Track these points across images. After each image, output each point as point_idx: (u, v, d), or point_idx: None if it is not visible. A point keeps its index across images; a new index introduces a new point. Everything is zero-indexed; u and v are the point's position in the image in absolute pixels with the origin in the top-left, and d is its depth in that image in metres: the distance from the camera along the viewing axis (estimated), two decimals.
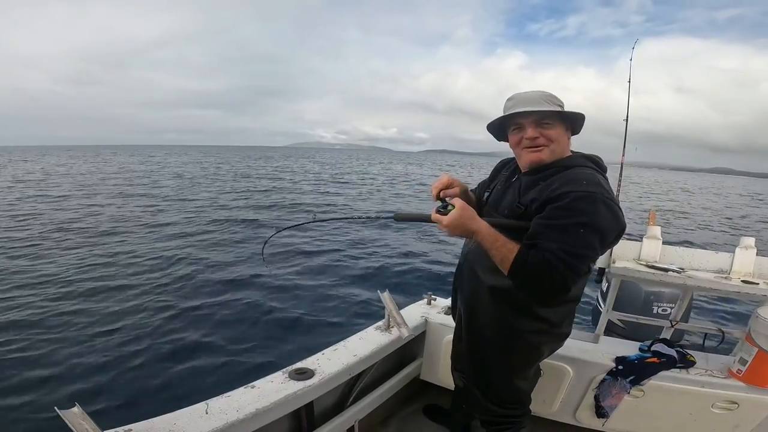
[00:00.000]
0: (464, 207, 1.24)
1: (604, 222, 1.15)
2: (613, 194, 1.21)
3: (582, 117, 1.31)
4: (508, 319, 1.38)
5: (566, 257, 1.12)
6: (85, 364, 3.60)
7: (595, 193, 1.15)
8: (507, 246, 1.20)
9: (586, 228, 1.13)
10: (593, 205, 1.14)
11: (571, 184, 1.18)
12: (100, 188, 17.09)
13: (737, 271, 1.89)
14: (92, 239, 8.20)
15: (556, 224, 1.16)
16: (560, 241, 1.13)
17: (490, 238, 1.22)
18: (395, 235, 9.05)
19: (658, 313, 2.60)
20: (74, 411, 1.03)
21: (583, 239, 1.14)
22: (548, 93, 1.30)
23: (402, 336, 1.95)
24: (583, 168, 1.25)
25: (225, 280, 5.89)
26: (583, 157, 1.32)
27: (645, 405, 1.83)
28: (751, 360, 1.67)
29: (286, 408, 1.48)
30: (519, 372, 1.50)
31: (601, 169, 1.30)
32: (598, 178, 1.21)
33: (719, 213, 19.71)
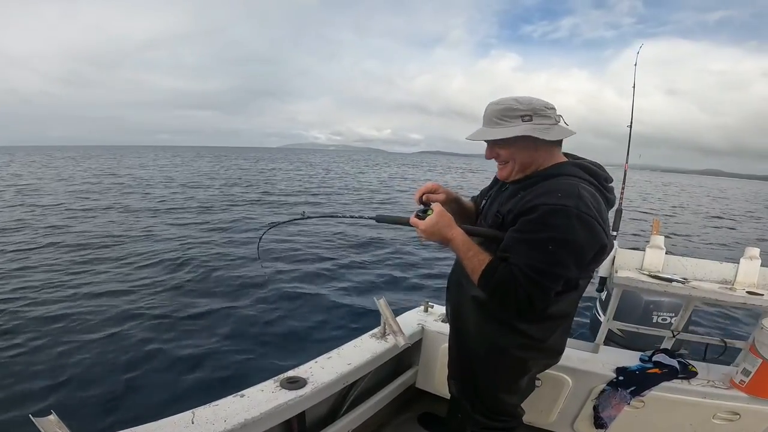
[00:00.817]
0: (442, 213, 1.22)
1: (577, 238, 1.07)
2: (596, 208, 1.11)
3: (528, 135, 1.18)
4: (491, 332, 1.34)
5: (532, 274, 1.08)
6: (64, 371, 3.49)
7: (568, 207, 1.07)
8: (478, 257, 1.17)
9: (556, 244, 1.07)
10: (565, 220, 1.06)
11: (544, 196, 1.12)
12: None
13: (741, 282, 1.86)
14: (72, 244, 8.10)
15: (525, 238, 1.11)
16: (527, 257, 1.09)
17: (464, 247, 1.20)
18: (391, 241, 9.00)
19: (658, 322, 2.57)
20: (50, 419, 0.99)
21: (552, 256, 1.08)
22: (505, 106, 1.19)
23: (398, 344, 1.90)
24: (566, 178, 1.17)
25: (213, 287, 5.81)
26: (574, 165, 1.23)
27: (645, 416, 1.80)
28: (754, 371, 1.65)
29: (276, 418, 1.42)
30: (504, 385, 1.44)
31: (596, 179, 1.21)
32: (578, 190, 1.11)
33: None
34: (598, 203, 1.13)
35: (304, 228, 9.31)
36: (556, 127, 1.20)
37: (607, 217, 1.18)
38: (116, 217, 10.77)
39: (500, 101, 1.21)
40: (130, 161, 41.92)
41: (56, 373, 3.45)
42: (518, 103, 1.19)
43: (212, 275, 6.20)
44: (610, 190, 1.25)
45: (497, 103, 1.22)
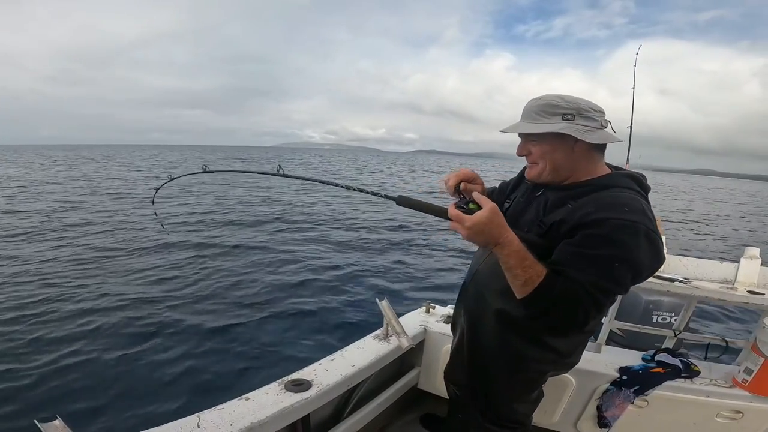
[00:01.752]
0: (496, 211, 1.04)
1: (643, 258, 1.01)
2: (655, 223, 1.05)
3: (571, 134, 1.10)
4: (515, 346, 1.28)
5: (595, 292, 1.00)
6: (69, 376, 3.47)
7: (638, 223, 1.00)
8: (535, 268, 1.03)
9: (622, 263, 1.00)
10: (634, 238, 1.00)
11: (609, 209, 1.03)
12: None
13: (742, 282, 1.88)
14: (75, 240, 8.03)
15: (589, 254, 1.01)
16: (591, 274, 1.00)
17: (519, 255, 1.04)
18: (395, 240, 9.00)
19: (658, 321, 2.60)
20: (55, 424, 0.98)
21: (616, 274, 1.01)
22: (547, 102, 1.13)
23: (402, 346, 1.90)
24: (622, 189, 1.10)
25: (216, 286, 5.79)
26: (625, 176, 1.16)
27: (648, 415, 1.81)
28: (757, 370, 1.67)
29: (282, 421, 1.41)
30: (521, 396, 1.42)
31: (644, 191, 1.15)
32: (641, 204, 1.06)
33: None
34: (654, 218, 1.07)
35: (309, 232, 9.31)
36: (600, 132, 1.12)
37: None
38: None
39: (543, 97, 1.15)
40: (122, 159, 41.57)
41: (61, 379, 3.42)
42: (562, 100, 1.12)
43: (206, 279, 6.17)
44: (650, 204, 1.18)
45: (540, 98, 1.15)
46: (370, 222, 10.78)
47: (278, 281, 6.10)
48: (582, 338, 1.30)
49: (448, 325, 2.14)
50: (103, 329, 4.36)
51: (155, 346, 4.08)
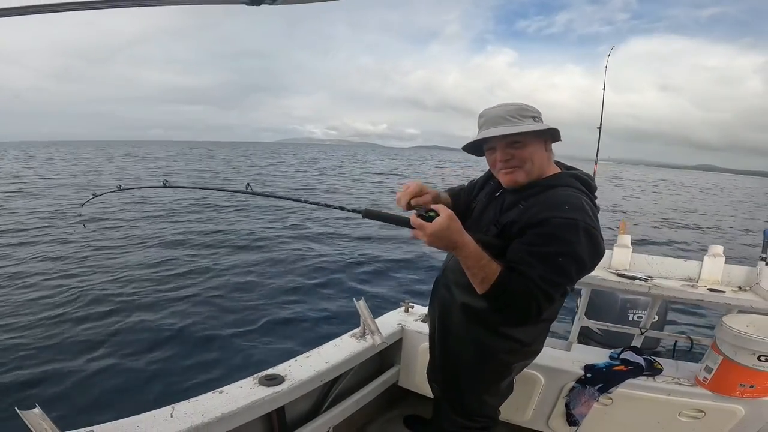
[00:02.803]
0: (452, 217, 1.11)
1: (583, 251, 1.10)
2: (596, 219, 1.15)
3: (556, 130, 1.22)
4: (480, 338, 1.37)
5: (545, 286, 1.09)
6: (47, 366, 3.61)
7: (577, 221, 1.09)
8: (491, 266, 1.12)
9: (566, 257, 1.10)
10: (574, 234, 1.09)
11: (552, 208, 1.12)
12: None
13: (705, 279, 1.90)
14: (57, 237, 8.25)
15: (537, 251, 1.11)
16: (540, 269, 1.09)
17: (475, 256, 1.12)
18: (374, 240, 9.05)
19: (634, 320, 2.61)
20: (34, 412, 1.05)
21: (561, 268, 1.10)
22: (517, 106, 1.21)
23: (375, 343, 1.96)
24: (566, 189, 1.18)
25: (193, 284, 5.89)
26: (571, 176, 1.24)
27: (614, 413, 1.84)
28: (716, 368, 1.68)
29: (254, 413, 1.49)
30: (489, 388, 1.49)
31: (589, 190, 1.23)
32: (582, 202, 1.14)
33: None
34: (595, 214, 1.16)
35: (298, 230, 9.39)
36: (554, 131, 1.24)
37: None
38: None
39: (512, 103, 1.22)
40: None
41: (40, 368, 3.57)
42: (525, 105, 1.21)
43: (185, 275, 6.29)
44: (595, 199, 1.26)
45: (509, 104, 1.22)
46: (353, 222, 10.86)
47: (260, 282, 6.17)
48: (541, 327, 1.38)
49: (425, 324, 2.21)
50: (84, 326, 4.50)
51: (129, 339, 4.21)
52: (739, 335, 1.57)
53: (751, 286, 1.87)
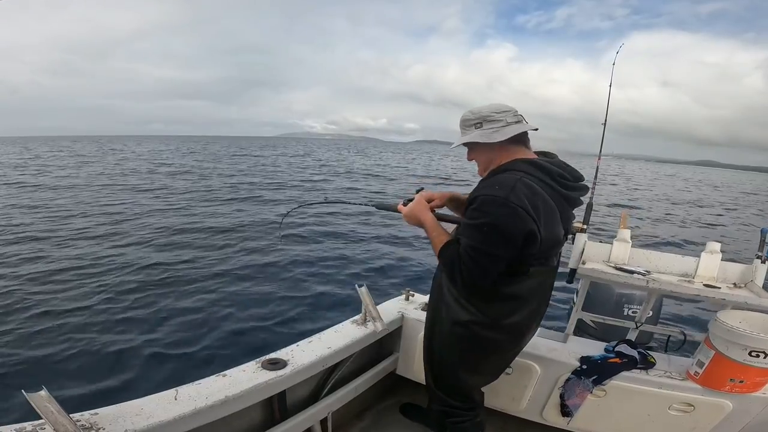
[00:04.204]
0: (419, 200, 1.53)
1: (503, 222, 1.24)
2: (530, 199, 1.25)
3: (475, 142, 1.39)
4: (449, 309, 1.51)
5: (471, 252, 1.29)
6: (54, 350, 3.64)
7: (498, 197, 1.24)
8: (440, 237, 1.42)
9: (488, 227, 1.26)
10: (494, 207, 1.24)
11: (485, 188, 1.31)
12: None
13: (701, 275, 1.93)
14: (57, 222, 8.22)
15: (467, 223, 1.32)
16: (468, 238, 1.31)
17: (431, 229, 1.46)
18: (379, 231, 9.10)
19: (629, 314, 2.65)
20: (41, 394, 1.06)
21: (485, 237, 1.27)
22: (463, 118, 1.41)
23: (376, 330, 1.99)
24: (509, 173, 1.31)
25: (201, 272, 5.91)
26: (525, 161, 1.35)
27: (607, 405, 1.87)
28: (708, 363, 1.70)
29: (256, 396, 1.52)
30: (463, 364, 1.56)
31: (548, 175, 1.33)
32: (514, 183, 1.26)
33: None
34: (533, 194, 1.26)
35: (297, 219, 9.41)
36: (505, 129, 1.34)
37: (549, 208, 1.30)
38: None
39: (462, 115, 1.42)
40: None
41: (45, 352, 3.59)
42: (471, 113, 1.39)
43: (194, 264, 6.31)
44: (569, 188, 1.37)
45: (462, 116, 1.43)
46: (357, 211, 10.90)
47: (264, 269, 6.21)
48: (504, 305, 1.43)
49: (425, 312, 2.23)
50: (91, 310, 4.52)
51: (136, 323, 4.24)
52: (732, 330, 1.60)
53: (746, 283, 1.90)
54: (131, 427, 1.18)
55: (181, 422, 1.28)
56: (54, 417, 1.05)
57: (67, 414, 1.08)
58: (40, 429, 1.10)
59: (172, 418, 1.26)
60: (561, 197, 1.35)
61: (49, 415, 1.04)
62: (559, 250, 1.48)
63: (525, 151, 1.41)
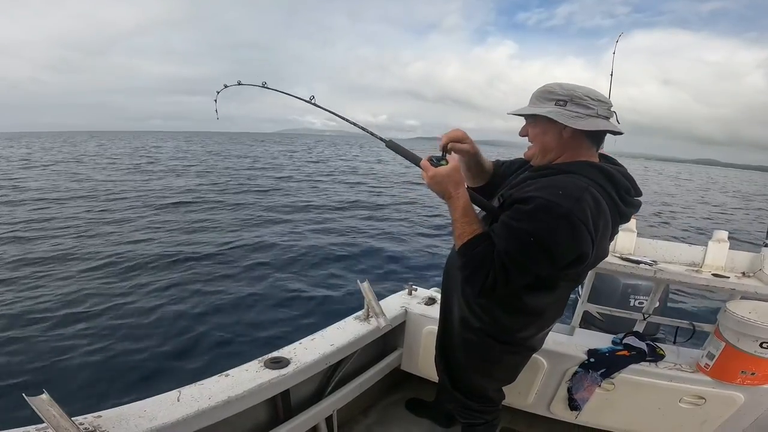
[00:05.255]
0: (456, 168, 1.20)
1: (557, 240, 1.05)
2: (594, 216, 1.06)
3: (555, 118, 1.13)
4: (459, 308, 1.42)
5: (506, 260, 1.09)
6: (55, 353, 3.63)
7: (561, 206, 1.03)
8: (471, 225, 1.17)
9: (537, 240, 1.05)
10: (553, 219, 1.04)
11: (544, 189, 1.09)
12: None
13: (709, 265, 1.90)
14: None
15: (511, 225, 1.10)
16: (507, 243, 1.09)
17: (462, 210, 1.18)
18: (380, 225, 9.09)
19: (635, 305, 2.62)
20: (42, 398, 1.04)
21: (528, 250, 1.07)
22: (545, 89, 1.17)
23: (379, 326, 1.97)
24: (578, 176, 1.12)
25: (200, 269, 5.93)
26: (594, 167, 1.16)
27: (615, 398, 1.85)
28: (718, 354, 1.68)
29: (260, 396, 1.50)
30: (478, 368, 1.49)
31: (614, 187, 1.15)
32: (582, 193, 1.06)
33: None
34: (599, 211, 1.08)
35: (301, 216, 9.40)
36: (591, 119, 1.13)
37: (607, 227, 1.13)
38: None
39: (546, 84, 1.19)
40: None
41: (47, 355, 3.58)
42: (560, 87, 1.15)
43: (194, 260, 6.31)
44: (629, 204, 1.19)
45: (544, 85, 1.19)
46: (361, 205, 10.87)
47: (265, 265, 6.21)
48: (523, 318, 1.32)
49: (429, 306, 2.20)
50: (91, 308, 4.53)
51: (137, 324, 4.23)
52: (743, 321, 1.57)
53: (755, 272, 1.87)
54: (134, 430, 1.17)
55: (184, 424, 1.27)
56: (56, 420, 1.03)
57: (69, 417, 1.07)
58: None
59: (176, 419, 1.25)
60: (618, 213, 1.17)
61: (51, 419, 1.03)
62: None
63: (594, 153, 1.21)
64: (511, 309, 1.28)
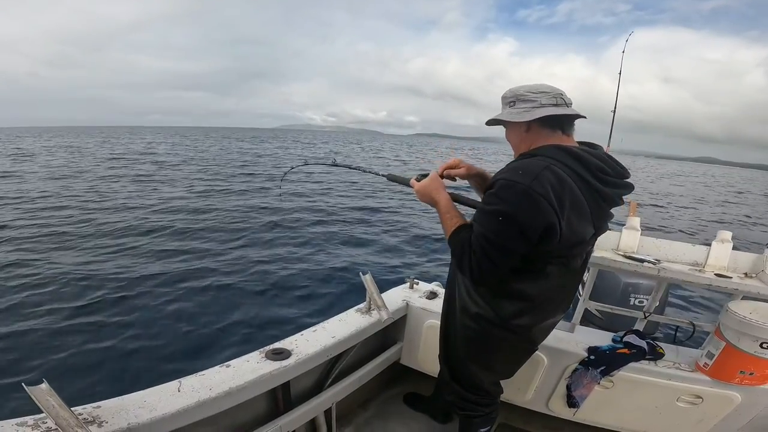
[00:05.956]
0: (434, 178, 1.41)
1: (521, 213, 1.11)
2: (556, 189, 1.11)
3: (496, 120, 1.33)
4: (460, 299, 1.46)
5: (482, 242, 1.17)
6: (56, 342, 3.62)
7: (519, 183, 1.11)
8: (453, 219, 1.30)
9: (504, 216, 1.13)
10: (513, 195, 1.11)
11: (507, 172, 1.18)
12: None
13: (712, 265, 1.90)
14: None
15: (482, 209, 1.21)
16: (481, 225, 1.19)
17: (444, 210, 1.34)
18: (386, 219, 9.08)
19: (635, 304, 2.63)
20: (42, 387, 1.03)
21: (499, 227, 1.14)
22: (503, 94, 1.31)
23: (381, 319, 1.96)
24: (538, 158, 1.18)
25: (204, 260, 5.91)
26: (558, 148, 1.20)
27: (614, 396, 1.85)
28: (718, 354, 1.68)
29: (261, 387, 1.49)
30: (476, 357, 1.50)
31: (583, 165, 1.18)
32: (539, 170, 1.12)
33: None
34: (562, 187, 1.12)
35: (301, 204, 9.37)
36: (535, 110, 1.21)
37: (578, 204, 1.16)
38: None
39: (507, 90, 1.30)
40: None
41: (47, 345, 3.57)
42: (509, 91, 1.28)
43: (196, 251, 6.31)
44: (608, 183, 1.21)
45: (506, 91, 1.31)
46: (363, 200, 10.86)
47: (268, 257, 6.21)
48: (513, 304, 1.32)
49: (430, 300, 2.20)
50: (92, 298, 4.52)
51: (138, 314, 4.22)
52: (744, 321, 1.57)
53: (757, 273, 1.87)
54: (134, 420, 1.16)
55: (184, 414, 1.26)
56: (55, 411, 1.02)
57: (69, 407, 1.06)
58: (42, 423, 1.07)
59: (176, 410, 1.24)
60: (595, 192, 1.19)
61: (50, 409, 1.02)
62: (585, 250, 1.34)
63: (561, 137, 1.25)
64: (503, 294, 1.33)
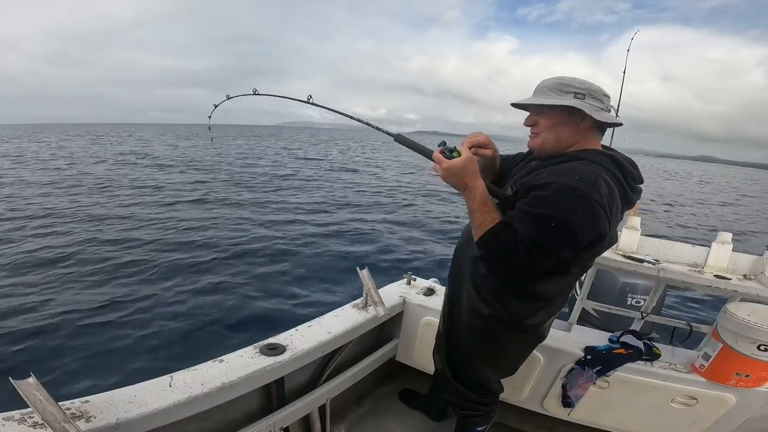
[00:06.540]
0: (471, 160, 1.20)
1: (577, 223, 1.08)
2: (609, 199, 1.10)
3: (576, 108, 1.17)
4: (468, 296, 1.42)
5: (530, 246, 1.10)
6: (44, 336, 3.58)
7: (578, 190, 1.07)
8: (491, 214, 1.18)
9: (557, 223, 1.08)
10: (571, 203, 1.08)
11: (560, 175, 1.12)
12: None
13: (711, 266, 1.89)
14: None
15: (531, 212, 1.13)
16: (529, 229, 1.11)
17: (481, 200, 1.19)
18: (385, 217, 9.07)
19: (632, 304, 2.62)
20: (29, 381, 1.01)
21: (551, 234, 1.10)
22: (560, 81, 1.20)
23: (378, 315, 1.94)
24: (589, 163, 1.15)
25: (201, 253, 5.89)
26: (602, 153, 1.20)
27: (609, 396, 1.84)
28: (714, 355, 1.67)
29: (254, 383, 1.47)
30: (484, 356, 1.49)
31: (623, 174, 1.19)
32: (596, 178, 1.10)
33: None
34: (612, 196, 1.12)
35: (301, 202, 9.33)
36: (606, 113, 1.19)
37: (618, 211, 1.16)
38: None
39: (559, 77, 1.21)
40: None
41: (37, 338, 3.53)
42: (576, 81, 1.19)
43: (193, 245, 6.28)
44: (635, 190, 1.23)
45: (555, 78, 1.22)
46: (363, 196, 10.84)
47: (265, 250, 6.20)
48: (534, 304, 1.32)
49: (427, 297, 2.17)
50: (84, 291, 4.49)
51: (130, 307, 4.19)
52: (742, 323, 1.56)
53: (757, 275, 1.86)
54: (123, 416, 1.14)
55: (175, 410, 1.24)
56: (42, 405, 1.00)
57: (56, 402, 1.03)
58: (29, 417, 1.05)
59: (167, 405, 1.22)
60: (626, 198, 1.20)
61: (37, 404, 0.99)
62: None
63: (600, 143, 1.26)
64: (522, 295, 1.30)
